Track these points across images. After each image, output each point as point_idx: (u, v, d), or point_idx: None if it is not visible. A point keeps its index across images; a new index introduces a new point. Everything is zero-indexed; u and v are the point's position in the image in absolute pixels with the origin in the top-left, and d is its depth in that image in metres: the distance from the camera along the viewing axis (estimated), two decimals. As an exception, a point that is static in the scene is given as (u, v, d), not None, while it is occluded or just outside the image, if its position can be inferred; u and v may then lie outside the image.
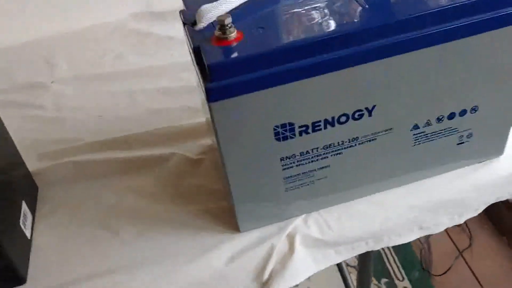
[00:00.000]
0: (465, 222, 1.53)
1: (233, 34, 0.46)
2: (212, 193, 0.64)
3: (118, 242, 0.60)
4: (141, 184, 0.68)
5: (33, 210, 0.66)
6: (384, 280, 1.45)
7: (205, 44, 0.46)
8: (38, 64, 0.96)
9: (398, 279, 1.45)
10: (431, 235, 0.63)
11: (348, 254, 0.60)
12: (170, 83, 0.86)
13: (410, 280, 1.44)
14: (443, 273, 1.42)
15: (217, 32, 0.46)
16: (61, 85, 0.90)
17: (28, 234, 0.61)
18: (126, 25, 1.03)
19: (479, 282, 1.40)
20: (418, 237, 0.62)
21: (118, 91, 0.87)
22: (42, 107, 0.85)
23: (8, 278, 0.56)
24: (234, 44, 0.46)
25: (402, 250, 1.51)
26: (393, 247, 1.53)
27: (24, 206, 0.63)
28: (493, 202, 0.64)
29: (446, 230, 1.53)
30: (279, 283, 0.55)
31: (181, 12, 0.54)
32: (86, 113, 0.83)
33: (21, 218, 0.60)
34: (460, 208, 0.62)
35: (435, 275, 1.43)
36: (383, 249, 1.51)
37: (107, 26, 1.04)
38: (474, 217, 1.59)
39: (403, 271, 1.47)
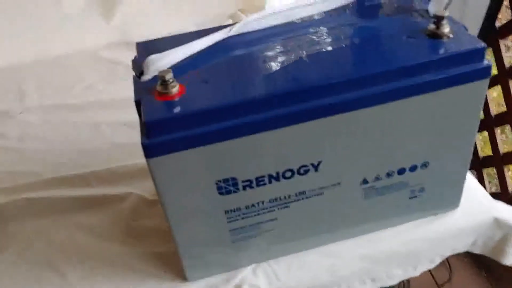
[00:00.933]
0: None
1: (175, 89, 0.45)
2: (164, 235, 0.63)
3: (65, 284, 0.59)
4: (95, 223, 0.67)
5: (-16, 247, 0.65)
6: (359, 312, 1.43)
7: (146, 99, 0.46)
8: (8, 91, 0.95)
9: (374, 312, 1.43)
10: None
11: (298, 305, 0.59)
12: (137, 116, 0.86)
13: (385, 313, 1.42)
14: (419, 308, 1.41)
15: (158, 87, 0.46)
16: (29, 114, 0.89)
17: (-25, 275, 0.60)
18: (100, 54, 1.03)
19: (456, 317, 1.39)
20: (371, 288, 0.61)
21: (84, 122, 0.86)
22: (6, 137, 0.84)
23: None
24: (175, 99, 0.45)
25: (379, 282, 1.49)
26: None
27: (-27, 245, 0.62)
28: (449, 255, 0.64)
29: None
30: (223, 336, 0.54)
31: (133, 58, 0.54)
32: (49, 144, 0.82)
33: (-31, 258, 0.59)
34: (414, 260, 0.62)
35: (411, 309, 1.41)
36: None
37: (81, 54, 1.03)
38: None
39: (379, 304, 1.45)
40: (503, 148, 1.24)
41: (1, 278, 0.61)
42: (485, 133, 1.28)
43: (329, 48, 0.50)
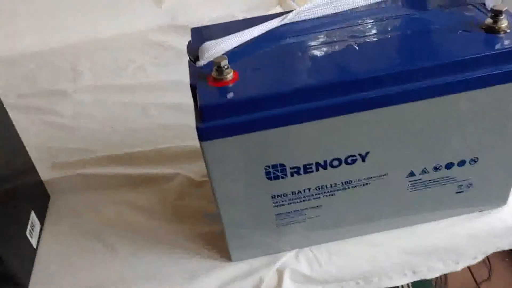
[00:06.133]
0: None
1: (229, 75, 0.47)
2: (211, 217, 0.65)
3: (113, 257, 0.62)
4: (143, 201, 0.69)
5: (42, 218, 0.68)
6: (394, 305, 1.43)
7: (201, 84, 0.47)
8: (63, 70, 0.99)
9: (409, 305, 1.43)
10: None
11: (337, 292, 0.60)
12: (185, 99, 0.87)
13: (421, 308, 1.42)
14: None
15: (213, 73, 0.47)
16: (82, 93, 0.93)
17: (34, 243, 0.64)
18: (150, 37, 1.06)
19: (493, 318, 1.37)
20: (411, 280, 0.61)
21: (133, 103, 0.89)
22: (61, 114, 0.88)
23: (10, 285, 0.59)
24: (229, 85, 0.47)
25: (417, 277, 1.48)
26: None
27: (33, 215, 0.65)
28: (491, 252, 0.63)
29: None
30: (264, 316, 0.56)
31: (188, 44, 0.56)
32: (101, 123, 0.86)
33: (28, 227, 0.63)
34: (456, 256, 0.61)
35: (448, 306, 1.40)
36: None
37: (132, 36, 1.07)
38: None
39: (415, 298, 1.44)
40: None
41: (55, 247, 0.65)
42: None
43: (380, 40, 0.50)
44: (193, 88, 0.48)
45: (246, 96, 0.45)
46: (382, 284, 0.60)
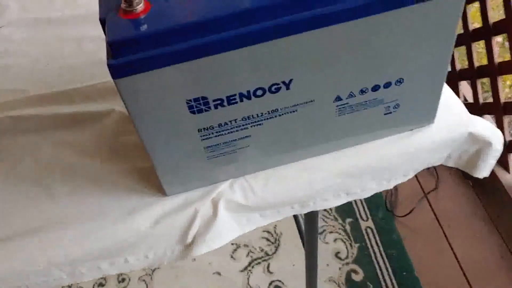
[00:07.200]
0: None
1: (140, 7, 0.44)
2: (145, 152, 0.65)
3: (51, 199, 0.62)
4: (79, 140, 0.68)
5: (-28, 164, 0.67)
6: (348, 219, 1.49)
7: (111, 17, 0.45)
8: (-13, 5, 0.93)
9: (363, 219, 1.50)
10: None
11: (274, 218, 0.62)
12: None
13: (374, 220, 1.49)
14: (406, 214, 1.47)
15: (123, 4, 0.45)
16: (10, 28, 0.88)
17: (-36, 189, 0.63)
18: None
19: (440, 224, 1.45)
20: (345, 201, 0.64)
21: (67, 37, 0.85)
22: (-11, 53, 0.84)
23: None
24: (140, 17, 0.44)
25: (369, 191, 1.54)
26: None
27: (-39, 162, 0.64)
28: (422, 168, 0.65)
29: (414, 172, 1.57)
30: (201, 245, 0.58)
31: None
32: (33, 60, 0.82)
33: (-44, 174, 0.62)
34: (387, 174, 0.63)
35: (399, 216, 1.48)
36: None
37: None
38: (443, 160, 1.54)
39: (368, 212, 1.51)
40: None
41: (-9, 193, 0.64)
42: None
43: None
44: (103, 23, 0.46)
45: (158, 28, 0.44)
46: (317, 207, 0.62)
